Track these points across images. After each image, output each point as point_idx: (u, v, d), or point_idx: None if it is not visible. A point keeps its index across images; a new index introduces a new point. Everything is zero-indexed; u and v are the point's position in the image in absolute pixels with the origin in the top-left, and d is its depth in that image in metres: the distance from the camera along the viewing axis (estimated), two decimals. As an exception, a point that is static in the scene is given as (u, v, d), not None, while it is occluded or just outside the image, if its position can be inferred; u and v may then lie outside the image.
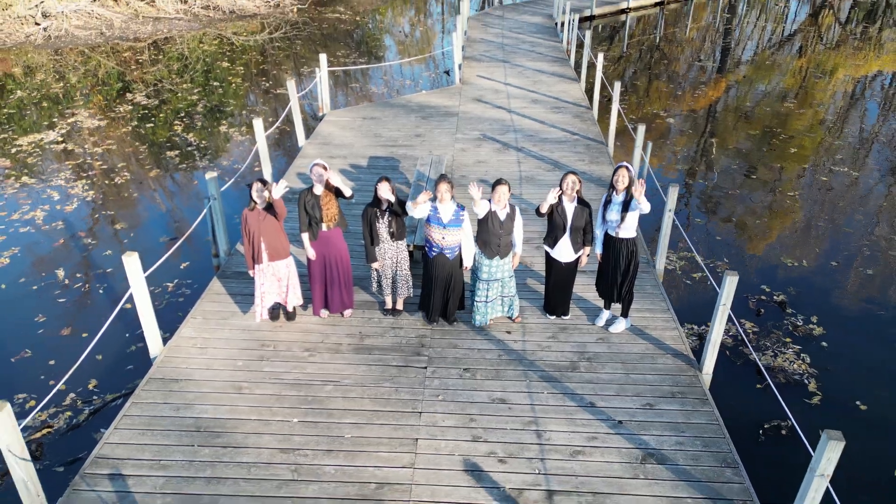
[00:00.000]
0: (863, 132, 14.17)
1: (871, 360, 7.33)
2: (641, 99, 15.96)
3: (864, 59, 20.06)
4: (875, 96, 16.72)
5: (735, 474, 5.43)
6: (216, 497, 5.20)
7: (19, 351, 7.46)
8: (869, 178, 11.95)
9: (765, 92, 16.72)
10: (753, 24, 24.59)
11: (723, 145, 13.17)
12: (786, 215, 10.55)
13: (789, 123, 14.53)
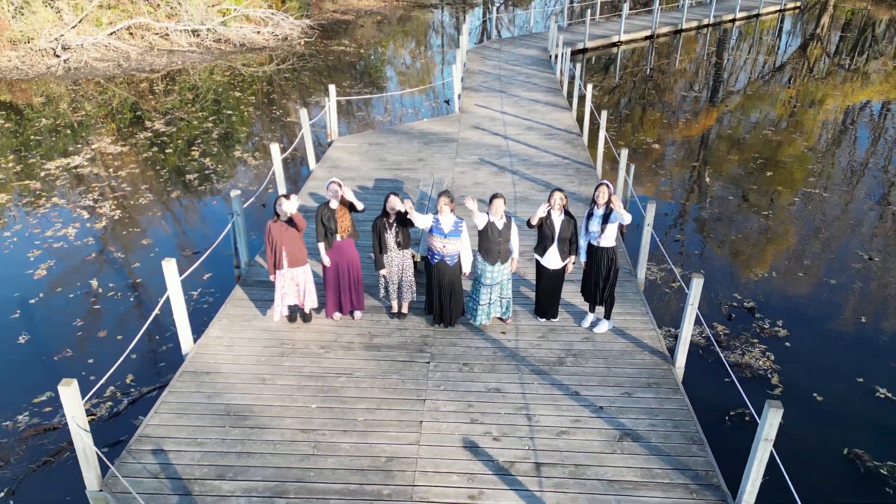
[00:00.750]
0: (839, 156, 15.11)
1: (829, 359, 8.13)
2: (635, 126, 16.96)
3: (850, 90, 21.15)
4: (851, 124, 17.73)
5: (700, 450, 6.21)
6: (247, 468, 5.97)
7: (61, 350, 8.26)
8: (837, 198, 12.85)
9: (748, 118, 17.74)
10: (744, 56, 25.78)
11: (705, 169, 14.11)
12: (758, 232, 11.41)
13: (770, 148, 15.49)
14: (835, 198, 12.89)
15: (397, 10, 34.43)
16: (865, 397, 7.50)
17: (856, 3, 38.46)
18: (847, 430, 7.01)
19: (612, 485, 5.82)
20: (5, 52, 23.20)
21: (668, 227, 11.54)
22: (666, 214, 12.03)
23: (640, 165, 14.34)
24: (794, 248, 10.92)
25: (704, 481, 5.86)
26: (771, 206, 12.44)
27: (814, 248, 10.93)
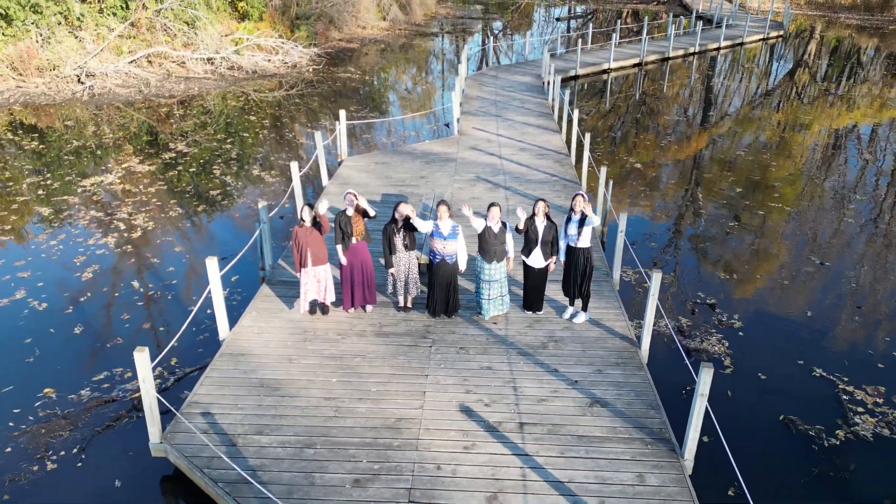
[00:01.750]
0: (804, 172, 16.48)
1: (776, 346, 9.39)
2: (627, 147, 18.37)
3: (837, 114, 22.60)
4: (820, 144, 19.14)
5: (657, 414, 7.46)
6: (280, 426, 7.22)
7: (112, 339, 9.53)
8: (797, 211, 14.19)
9: (726, 137, 19.17)
10: (732, 83, 27.33)
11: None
12: (723, 241, 12.73)
13: (748, 169, 16.88)
14: (795, 211, 14.22)
15: (400, 39, 36.16)
16: (803, 376, 8.76)
17: (839, 31, 40.24)
18: (785, 401, 8.25)
19: (582, 439, 7.07)
20: (33, 78, 24.74)
21: (644, 237, 12.85)
22: (649, 234, 13.36)
23: (626, 183, 15.71)
24: (754, 253, 12.23)
25: (658, 436, 7.11)
26: (736, 220, 13.78)
27: (772, 254, 12.23)
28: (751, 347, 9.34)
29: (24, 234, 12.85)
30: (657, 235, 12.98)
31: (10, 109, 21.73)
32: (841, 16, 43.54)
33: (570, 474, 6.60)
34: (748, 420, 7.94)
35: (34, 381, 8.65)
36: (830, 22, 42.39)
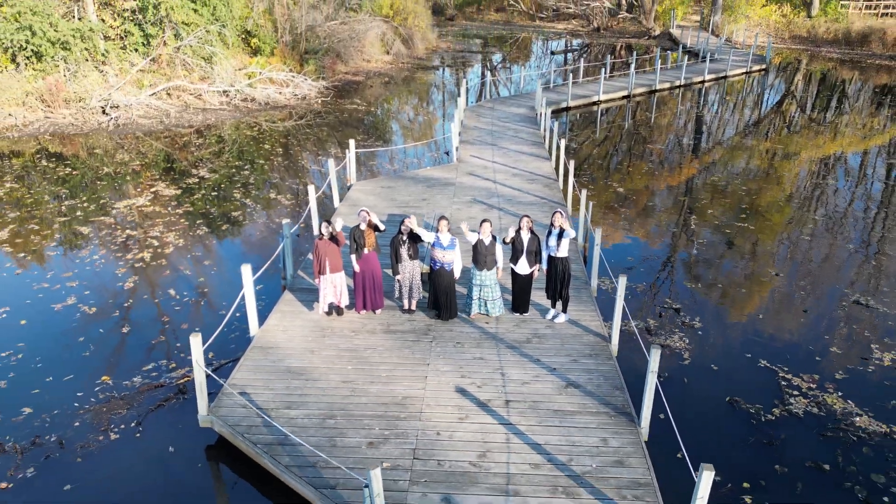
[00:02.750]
0: (765, 190, 18.05)
1: (729, 342, 10.84)
2: (608, 173, 20.00)
3: (823, 143, 24.28)
4: (793, 168, 20.75)
5: (621, 393, 8.89)
6: (306, 402, 8.66)
7: (157, 337, 11.01)
8: (759, 230, 15.72)
9: (705, 167, 20.80)
10: (719, 113, 29.13)
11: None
12: (691, 256, 14.24)
13: (718, 194, 18.47)
14: (756, 229, 15.76)
15: (402, 72, 38.16)
16: (750, 366, 10.20)
17: (822, 64, 42.25)
18: (732, 386, 9.69)
19: (557, 413, 8.51)
20: (60, 109, 26.54)
21: (622, 251, 14.37)
22: (626, 249, 14.90)
23: (610, 205, 17.29)
24: (717, 266, 13.73)
25: (621, 411, 8.55)
26: (702, 237, 15.32)
27: (733, 266, 13.73)
28: (707, 344, 10.80)
29: (69, 250, 14.39)
30: (633, 250, 14.50)
31: (41, 139, 23.45)
32: (823, 49, 45.63)
33: (546, 438, 8.03)
34: (700, 401, 9.38)
35: (91, 371, 10.12)
36: (813, 55, 44.47)
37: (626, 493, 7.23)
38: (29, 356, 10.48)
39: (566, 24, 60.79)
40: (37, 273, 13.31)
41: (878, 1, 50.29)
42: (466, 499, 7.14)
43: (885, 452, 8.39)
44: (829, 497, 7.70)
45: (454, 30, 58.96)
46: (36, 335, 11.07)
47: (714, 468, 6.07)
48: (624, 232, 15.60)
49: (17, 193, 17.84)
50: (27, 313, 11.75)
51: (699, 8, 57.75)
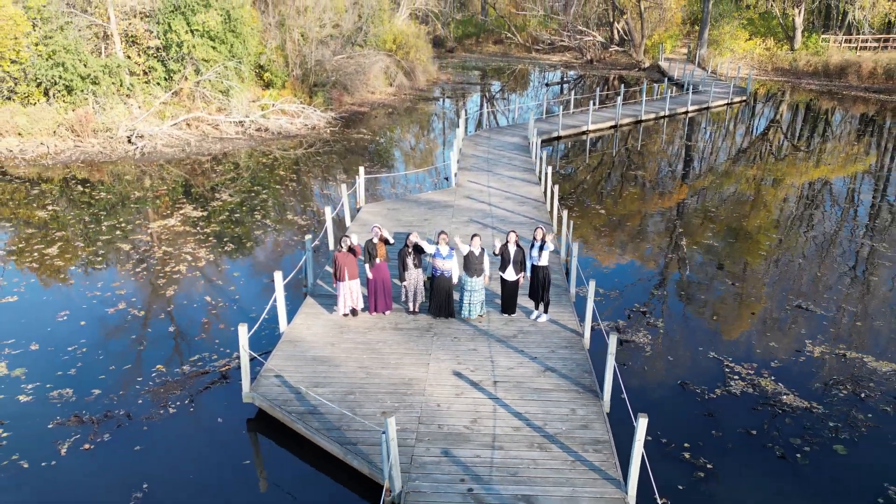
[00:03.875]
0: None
1: (687, 340, 12.72)
2: (599, 198, 22.03)
3: (806, 169, 26.39)
4: (777, 192, 22.78)
5: (589, 376, 10.78)
6: (330, 382, 10.55)
7: (199, 334, 12.92)
8: (719, 243, 17.68)
9: (675, 190, 22.85)
10: (702, 142, 31.30)
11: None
12: (660, 268, 16.19)
13: (692, 215, 20.47)
14: (720, 248, 17.72)
15: (405, 103, 40.51)
16: (701, 357, 12.09)
17: (803, 94, 44.65)
18: (684, 373, 11.57)
19: (536, 390, 10.39)
20: (89, 139, 28.72)
21: (600, 264, 16.32)
22: (603, 262, 16.86)
23: (591, 224, 19.29)
24: (680, 277, 15.67)
25: (588, 388, 10.43)
26: (671, 254, 17.29)
27: (693, 277, 15.67)
28: (666, 339, 12.71)
29: (114, 264, 16.34)
30: (611, 263, 16.45)
31: (73, 166, 25.55)
32: (803, 81, 48.11)
33: (525, 409, 9.91)
34: (656, 384, 11.25)
35: (147, 362, 12.01)
36: (794, 87, 46.91)
37: (588, 447, 9.10)
38: (91, 350, 12.38)
39: (561, 55, 63.53)
40: (88, 283, 15.25)
41: (856, 35, 52.97)
42: (461, 452, 9.00)
43: (804, 422, 10.25)
44: (752, 454, 9.55)
45: (454, 62, 61.65)
46: (95, 334, 12.98)
47: (648, 416, 7.95)
48: (604, 247, 17.57)
49: (60, 215, 19.85)
50: (85, 316, 13.67)
51: (687, 41, 60.51)
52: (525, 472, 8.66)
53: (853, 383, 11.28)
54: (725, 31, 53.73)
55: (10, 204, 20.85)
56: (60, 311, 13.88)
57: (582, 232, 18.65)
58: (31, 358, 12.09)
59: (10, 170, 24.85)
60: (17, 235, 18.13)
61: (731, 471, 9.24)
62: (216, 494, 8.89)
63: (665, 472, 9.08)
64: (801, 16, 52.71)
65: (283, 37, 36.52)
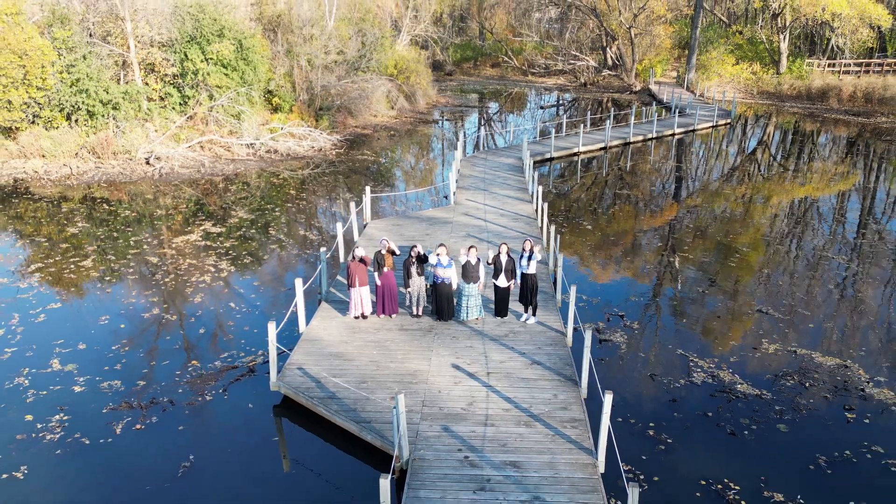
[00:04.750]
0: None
1: (657, 339, 14.38)
2: (586, 215, 23.81)
3: (792, 187, 28.21)
4: (772, 209, 24.56)
5: (570, 368, 12.43)
6: (344, 373, 12.20)
7: (227, 335, 14.57)
8: (698, 251, 19.41)
9: (654, 205, 24.63)
10: (690, 163, 33.17)
11: (616, 241, 20.81)
12: (637, 275, 17.89)
13: (672, 228, 22.23)
14: (692, 258, 19.45)
15: (406, 125, 42.48)
16: (670, 354, 13.75)
17: (786, 117, 46.70)
18: (654, 366, 13.23)
19: (524, 380, 12.04)
20: (109, 161, 30.55)
21: (584, 272, 18.03)
22: (588, 271, 18.58)
23: (577, 237, 21.04)
24: (656, 285, 17.37)
25: (569, 378, 12.08)
26: (650, 265, 19.02)
27: (668, 285, 17.36)
28: (641, 339, 14.39)
29: (145, 274, 18.04)
30: (595, 272, 18.16)
31: (96, 186, 27.33)
32: (787, 104, 50.21)
33: (514, 394, 11.56)
34: (628, 375, 12.92)
35: (182, 357, 13.66)
36: (778, 110, 49.00)
37: (567, 425, 10.74)
38: (133, 349, 14.04)
39: (556, 79, 65.81)
40: (123, 291, 16.94)
41: (839, 60, 55.22)
42: (459, 428, 10.64)
43: (754, 406, 11.90)
44: (706, 432, 11.19)
45: (452, 85, 63.88)
46: (134, 335, 14.64)
47: (621, 402, 9.60)
48: (589, 259, 19.30)
49: (90, 231, 21.58)
50: (123, 320, 15.34)
51: (678, 65, 62.80)
52: (513, 443, 10.30)
53: (800, 375, 12.95)
54: (713, 56, 55.99)
55: (44, 222, 22.59)
56: (101, 315, 15.54)
57: (569, 245, 20.39)
58: (80, 355, 13.75)
59: (37, 190, 26.63)
60: (54, 249, 19.84)
61: (686, 445, 10.87)
62: (250, 464, 10.51)
63: (631, 446, 10.71)
64: (785, 41, 55.01)
65: (290, 64, 38.55)
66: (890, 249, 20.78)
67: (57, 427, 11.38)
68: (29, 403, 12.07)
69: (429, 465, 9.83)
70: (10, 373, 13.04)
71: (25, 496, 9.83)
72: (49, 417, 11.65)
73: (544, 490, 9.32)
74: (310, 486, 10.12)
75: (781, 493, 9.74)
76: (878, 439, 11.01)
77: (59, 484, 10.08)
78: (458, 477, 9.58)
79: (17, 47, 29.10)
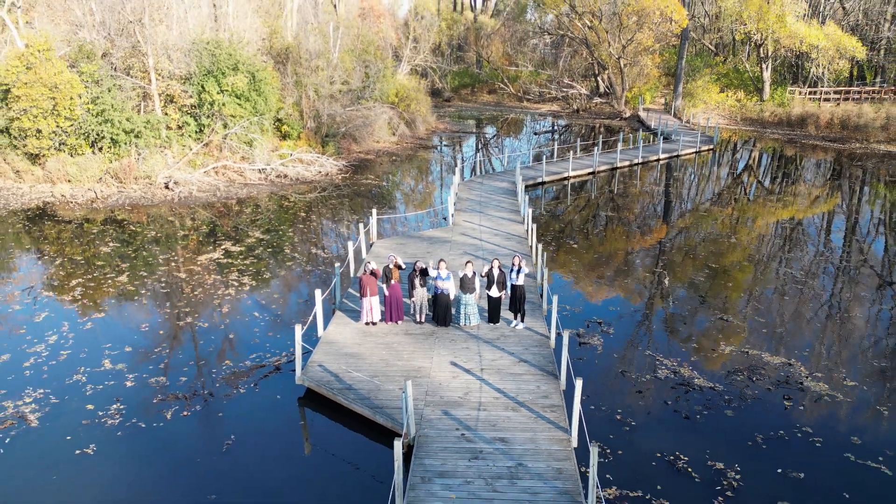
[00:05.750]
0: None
1: (631, 342, 16.49)
2: (573, 235, 26.03)
3: (775, 209, 30.50)
4: (755, 230, 26.78)
5: (551, 364, 14.54)
6: (359, 368, 14.30)
7: (252, 340, 16.67)
8: (670, 265, 21.58)
9: (634, 226, 26.85)
10: (677, 186, 35.51)
11: (597, 256, 23.01)
12: (612, 287, 20.04)
13: (644, 244, 24.42)
14: (667, 272, 21.61)
15: (407, 151, 44.91)
16: (640, 355, 15.85)
17: (767, 143, 49.23)
18: (625, 365, 15.32)
19: (512, 374, 14.13)
20: (131, 185, 32.82)
21: (569, 284, 20.18)
22: (571, 283, 20.75)
23: (563, 253, 23.22)
24: (630, 296, 19.51)
25: (551, 373, 14.19)
26: (628, 277, 21.19)
27: (641, 297, 19.50)
28: (614, 341, 16.52)
29: (176, 288, 20.15)
30: (577, 284, 20.31)
31: (119, 210, 29.55)
32: (768, 131, 52.84)
33: (503, 386, 13.65)
34: (602, 372, 15.01)
35: (216, 358, 15.74)
36: (760, 136, 51.60)
37: (547, 410, 12.82)
38: (173, 351, 16.13)
39: (550, 105, 68.58)
40: (158, 302, 19.05)
41: (820, 88, 57.98)
42: (456, 412, 12.71)
43: (707, 396, 13.99)
44: (664, 416, 13.27)
45: (451, 111, 66.58)
46: (172, 339, 16.73)
47: (583, 381, 11.70)
48: (573, 273, 21.47)
49: (120, 250, 23.74)
50: (161, 327, 17.43)
51: (666, 92, 65.61)
52: (501, 424, 12.37)
53: (749, 371, 15.06)
54: (698, 84, 58.77)
55: (76, 242, 24.75)
56: (142, 323, 17.64)
57: (557, 262, 22.57)
58: (127, 357, 15.82)
59: (66, 213, 28.84)
60: (91, 266, 21.98)
61: (647, 427, 12.95)
62: (281, 442, 12.55)
63: (600, 428, 12.79)
64: (768, 70, 57.85)
65: (299, 94, 41.05)
66: (838, 264, 22.99)
67: (115, 414, 13.44)
68: (88, 395, 14.13)
69: (431, 440, 11.90)
70: (68, 371, 15.11)
71: (97, 467, 11.86)
72: (108, 407, 13.70)
73: (527, 459, 11.38)
74: (331, 459, 12.15)
75: (722, 462, 11.81)
76: (809, 422, 13.11)
77: (124, 458, 12.11)
78: (455, 449, 11.64)
79: (49, 81, 31.51)
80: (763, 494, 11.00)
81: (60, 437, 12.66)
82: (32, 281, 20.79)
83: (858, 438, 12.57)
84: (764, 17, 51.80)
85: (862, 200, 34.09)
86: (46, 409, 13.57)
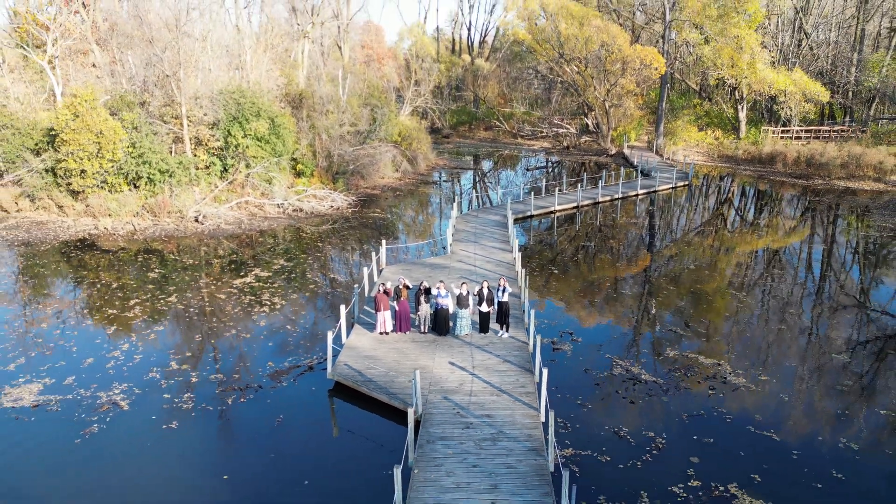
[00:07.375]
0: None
1: (595, 347, 20.34)
2: (555, 262, 30.01)
3: (752, 239, 34.56)
4: (740, 259, 30.74)
5: (529, 364, 18.39)
6: (378, 365, 18.16)
7: (287, 347, 20.54)
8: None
9: (613, 253, 30.84)
10: (658, 219, 39.64)
11: (574, 280, 26.99)
12: (584, 304, 23.93)
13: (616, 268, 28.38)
14: (629, 290, 25.52)
15: (409, 186, 49.17)
16: (600, 358, 19.70)
17: (740, 178, 53.56)
18: (588, 365, 19.17)
19: (497, 370, 18.00)
20: (164, 219, 36.89)
21: (548, 302, 24.08)
22: (548, 300, 24.69)
23: (544, 278, 27.16)
24: (597, 309, 23.40)
25: (527, 370, 18.05)
26: (598, 296, 25.12)
27: (607, 311, 23.39)
28: (582, 347, 20.39)
29: (217, 307, 24.04)
30: (554, 303, 24.22)
31: (155, 241, 33.56)
32: (741, 167, 57.29)
33: (489, 378, 17.50)
34: (570, 371, 18.86)
35: (261, 361, 19.57)
36: (734, 172, 56.01)
37: (524, 395, 16.66)
38: (223, 356, 19.97)
39: (542, 142, 73.23)
40: (205, 319, 22.93)
41: (792, 127, 62.64)
42: (453, 398, 16.55)
43: (649, 387, 17.81)
44: (613, 401, 17.10)
45: (449, 147, 71.16)
46: (222, 347, 20.58)
47: (554, 377, 15.57)
48: (552, 293, 25.40)
49: (165, 275, 27.68)
50: (212, 338, 21.30)
51: (650, 131, 70.32)
52: (488, 405, 16.20)
53: (685, 369, 18.92)
54: (678, 124, 63.43)
55: (125, 269, 28.71)
56: (195, 335, 21.52)
57: (537, 283, 26.53)
58: (189, 360, 19.66)
59: (110, 244, 32.84)
60: (142, 289, 25.90)
61: (600, 409, 16.76)
62: (316, 421, 16.35)
63: (565, 410, 16.59)
64: (743, 111, 62.57)
65: (312, 136, 45.44)
66: (776, 282, 26.97)
67: (188, 401, 17.24)
68: (163, 388, 17.94)
69: (434, 416, 15.71)
70: (144, 370, 18.94)
71: (183, 437, 15.64)
72: (181, 395, 17.52)
73: (506, 428, 15.20)
74: (357, 430, 15.94)
75: (653, 431, 15.63)
76: (725, 405, 16.94)
77: (200, 431, 15.90)
78: (452, 422, 15.47)
79: (95, 127, 35.82)
80: (680, 452, 14.81)
81: (147, 417, 16.46)
82: (96, 302, 24.70)
83: (760, 416, 16.41)
84: (736, 63, 56.62)
85: (796, 229, 38.23)
86: (133, 398, 17.39)
